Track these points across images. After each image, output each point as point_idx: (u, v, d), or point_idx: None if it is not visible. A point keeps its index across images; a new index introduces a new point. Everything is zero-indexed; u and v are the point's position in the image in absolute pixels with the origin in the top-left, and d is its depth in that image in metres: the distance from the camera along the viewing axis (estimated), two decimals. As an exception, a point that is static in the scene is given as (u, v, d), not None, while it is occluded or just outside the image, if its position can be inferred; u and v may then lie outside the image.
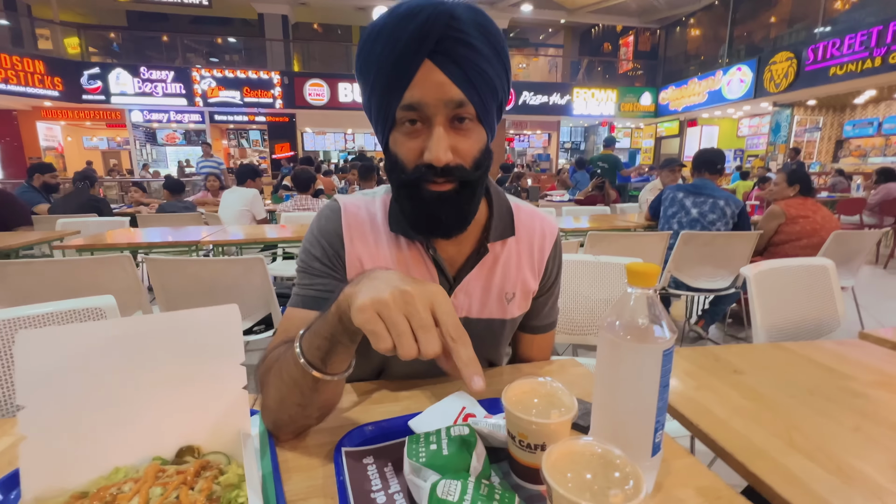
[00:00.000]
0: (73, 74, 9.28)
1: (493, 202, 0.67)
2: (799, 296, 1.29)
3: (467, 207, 0.58)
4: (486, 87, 0.53)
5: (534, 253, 0.71)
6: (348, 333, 0.45)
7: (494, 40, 0.53)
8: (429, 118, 0.52)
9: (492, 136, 0.58)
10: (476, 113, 0.53)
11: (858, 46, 7.22)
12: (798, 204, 2.38)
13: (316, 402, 0.51)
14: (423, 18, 0.48)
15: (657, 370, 0.40)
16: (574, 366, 0.76)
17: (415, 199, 0.56)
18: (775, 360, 0.79)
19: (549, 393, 0.47)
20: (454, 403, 0.60)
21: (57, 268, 1.49)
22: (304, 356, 0.48)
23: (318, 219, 0.66)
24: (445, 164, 0.52)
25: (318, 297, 0.62)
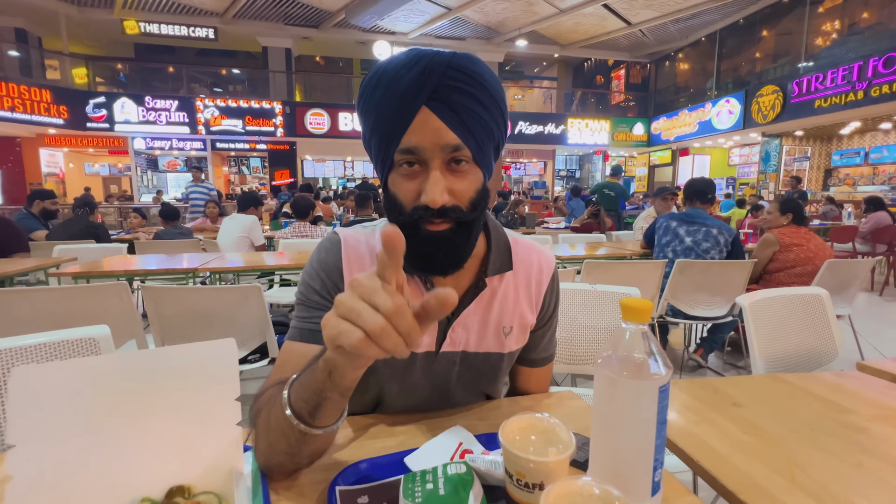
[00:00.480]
0: (78, 103, 9.48)
1: (491, 237, 0.68)
2: (795, 326, 1.29)
3: (463, 247, 0.58)
4: (482, 131, 0.55)
5: (531, 287, 0.71)
6: (339, 389, 0.43)
7: (490, 87, 0.55)
8: (426, 161, 0.53)
9: (489, 176, 0.60)
10: (472, 155, 0.55)
11: (841, 80, 7.52)
12: (791, 232, 2.42)
13: (304, 451, 0.50)
14: (421, 67, 0.51)
15: (654, 407, 0.40)
16: (572, 398, 0.75)
17: (412, 240, 0.56)
18: (774, 392, 0.78)
19: (546, 429, 0.46)
20: (451, 439, 0.59)
21: (51, 296, 1.48)
22: (292, 407, 0.46)
23: (319, 251, 0.67)
24: (442, 206, 0.53)
25: (316, 330, 0.61)
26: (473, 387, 0.72)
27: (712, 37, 11.02)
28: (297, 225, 3.34)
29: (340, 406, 0.46)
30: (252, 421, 0.54)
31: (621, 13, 10.16)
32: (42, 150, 10.44)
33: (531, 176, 14.52)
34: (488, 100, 0.54)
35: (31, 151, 10.29)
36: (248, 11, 10.21)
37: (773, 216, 2.52)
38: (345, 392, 0.44)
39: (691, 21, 10.49)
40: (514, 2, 9.64)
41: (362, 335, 0.35)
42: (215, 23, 10.53)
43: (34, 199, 3.78)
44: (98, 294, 1.53)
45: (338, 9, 10.01)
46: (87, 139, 10.41)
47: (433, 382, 0.69)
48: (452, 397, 0.71)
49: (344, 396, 0.44)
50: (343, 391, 0.43)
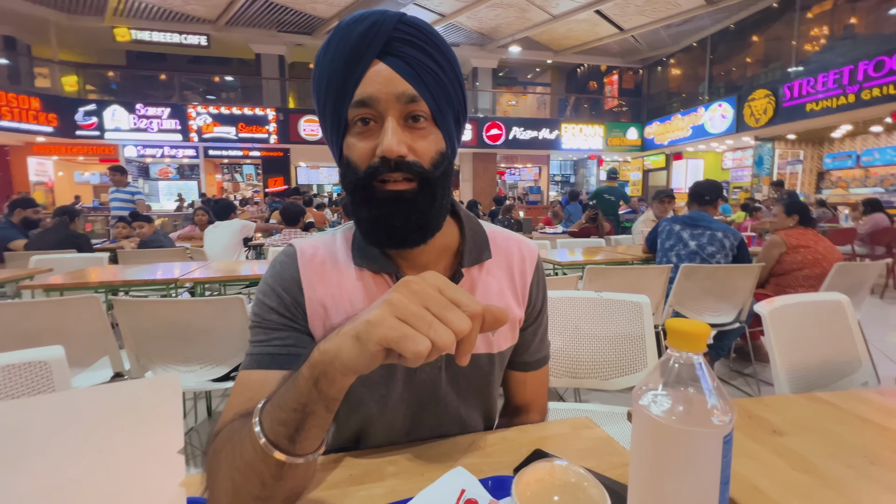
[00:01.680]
0: (68, 111, 9.35)
1: (463, 225, 0.61)
2: (817, 334, 1.21)
3: (427, 211, 0.52)
4: (439, 88, 0.51)
5: (515, 278, 0.64)
6: (325, 400, 0.37)
7: (444, 48, 0.52)
8: (381, 114, 0.49)
9: (452, 150, 0.55)
10: (431, 113, 0.51)
11: (832, 84, 7.56)
12: (798, 234, 2.36)
13: (279, 492, 0.40)
14: (371, 21, 0.49)
15: (717, 462, 0.31)
16: (588, 427, 0.66)
17: (370, 203, 0.51)
18: (817, 416, 0.69)
19: (572, 484, 0.36)
20: (452, 484, 0.49)
21: (13, 311, 1.37)
22: (266, 435, 0.38)
23: (272, 266, 0.59)
24: (400, 158, 0.49)
25: (276, 353, 0.53)
26: (465, 396, 0.63)
27: (703, 42, 11.10)
28: (287, 232, 3.24)
29: (325, 424, 0.40)
30: (207, 467, 0.44)
31: (613, 19, 10.22)
32: (30, 158, 10.27)
33: (526, 181, 14.52)
34: (443, 59, 0.52)
35: (20, 160, 10.12)
36: (241, 18, 10.16)
37: (780, 218, 2.46)
38: (330, 404, 0.38)
39: (682, 27, 10.57)
40: (508, 8, 9.66)
41: (430, 346, 0.33)
42: (208, 30, 10.47)
43: (15, 208, 3.66)
44: (67, 308, 1.42)
45: (331, 16, 9.99)
46: (77, 147, 10.26)
47: (419, 396, 0.60)
48: (444, 411, 0.62)
49: (329, 410, 0.39)
50: (329, 402, 0.38)
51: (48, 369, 0.80)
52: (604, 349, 1.31)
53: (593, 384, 1.31)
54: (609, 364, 1.30)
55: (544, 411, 0.72)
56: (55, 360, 0.81)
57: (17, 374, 0.77)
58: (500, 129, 11.38)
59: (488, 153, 11.78)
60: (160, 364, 1.48)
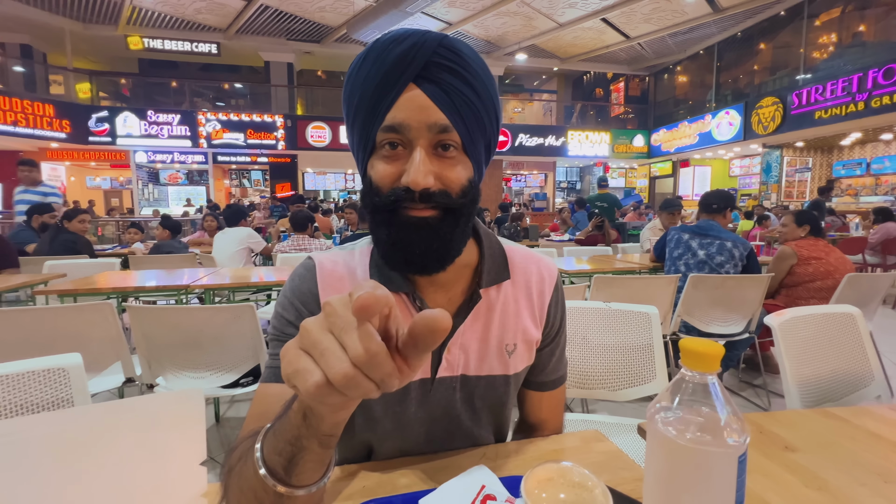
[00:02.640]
0: (81, 117, 9.52)
1: (483, 244, 0.61)
2: (828, 347, 1.20)
3: (449, 239, 0.51)
4: (473, 118, 0.50)
5: (533, 298, 0.63)
6: (317, 437, 0.34)
7: (484, 76, 0.51)
8: (410, 142, 0.48)
9: (479, 177, 0.54)
10: (462, 143, 0.50)
11: (841, 92, 7.52)
12: (809, 245, 2.33)
13: None
14: (410, 42, 0.47)
15: (731, 482, 0.32)
16: (598, 440, 0.66)
17: (390, 226, 0.50)
18: (828, 431, 0.69)
19: (578, 484, 0.39)
20: (473, 480, 0.51)
21: (29, 317, 1.39)
22: (265, 464, 0.37)
23: (292, 279, 0.60)
24: (426, 190, 0.47)
25: None
26: (479, 415, 0.63)
27: (710, 50, 11.10)
28: (295, 238, 3.26)
29: (323, 459, 0.37)
30: (223, 483, 0.45)
31: (620, 27, 10.26)
32: (44, 164, 10.45)
33: (532, 188, 14.52)
34: (481, 87, 0.50)
35: (33, 165, 10.30)
36: (251, 27, 10.33)
37: (790, 228, 2.43)
38: (325, 441, 0.35)
39: (689, 35, 10.58)
40: (514, 16, 9.73)
41: (321, 380, 0.27)
42: (218, 38, 10.64)
43: (32, 214, 3.71)
44: (82, 315, 1.44)
45: (339, 24, 10.12)
46: (90, 153, 10.43)
47: (432, 415, 0.60)
48: (457, 429, 0.62)
49: (325, 446, 0.35)
50: (322, 439, 0.35)
51: (66, 375, 0.82)
52: (612, 360, 1.30)
53: (602, 395, 1.31)
54: (617, 375, 1.29)
55: (559, 430, 0.72)
56: (73, 367, 0.82)
57: (37, 379, 0.79)
58: (507, 136, 11.43)
59: (494, 160, 11.82)
60: (171, 370, 1.50)
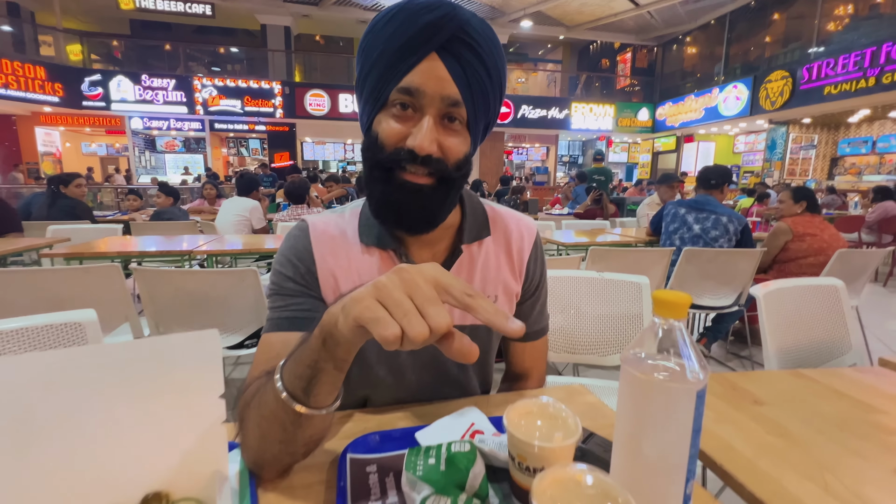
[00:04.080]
0: (73, 81, 9.28)
1: (465, 204, 0.66)
2: (809, 317, 1.25)
3: (439, 206, 0.56)
4: (482, 98, 0.54)
5: (513, 254, 0.68)
6: (333, 360, 0.40)
7: (499, 60, 0.54)
8: (422, 107, 0.51)
9: (473, 150, 0.58)
10: (467, 118, 0.53)
11: (852, 66, 7.34)
12: (805, 221, 2.36)
13: (300, 438, 0.46)
14: (441, 13, 0.50)
15: (690, 414, 0.36)
16: (583, 394, 0.71)
17: (387, 184, 0.54)
18: (797, 389, 0.74)
19: (552, 415, 0.45)
20: (464, 418, 0.57)
21: (42, 277, 1.43)
22: (286, 388, 0.43)
23: (287, 239, 0.64)
24: (428, 156, 0.51)
25: (294, 317, 0.59)
26: (465, 365, 0.68)
27: (722, 20, 10.73)
28: (293, 208, 3.28)
29: (336, 381, 0.43)
30: (238, 417, 0.50)
31: (630, -6, 9.88)
32: (38, 128, 10.28)
33: (533, 161, 14.36)
34: (494, 71, 0.54)
35: (27, 130, 10.14)
36: (246, -13, 9.92)
37: (787, 204, 2.45)
38: (339, 364, 0.41)
39: (701, 3, 10.21)
40: (520, -20, 9.36)
41: (399, 333, 0.33)
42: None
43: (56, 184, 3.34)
44: (90, 276, 1.48)
45: (338, -15, 9.73)
46: (84, 118, 10.24)
47: (422, 362, 0.66)
48: (445, 377, 0.68)
49: (339, 369, 0.41)
50: (338, 362, 0.41)
51: (83, 330, 0.86)
52: (603, 327, 1.36)
53: (591, 360, 1.37)
54: (607, 342, 1.35)
55: (542, 379, 0.78)
56: (89, 322, 0.87)
57: (55, 333, 0.84)
58: (509, 107, 11.20)
59: (496, 132, 11.63)
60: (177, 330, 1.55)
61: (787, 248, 2.35)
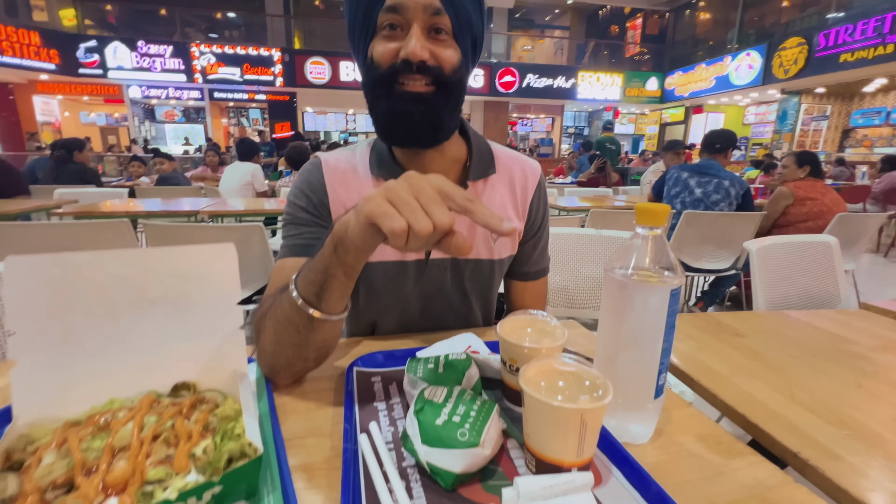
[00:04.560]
0: (69, 47, 9.07)
1: (472, 142, 0.69)
2: (801, 271, 1.28)
3: (441, 112, 0.58)
4: (462, 8, 0.57)
5: (517, 193, 0.72)
6: (343, 266, 0.44)
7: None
8: (408, 22, 0.55)
9: (467, 66, 0.60)
10: (452, 29, 0.57)
11: (871, 32, 7.06)
12: (808, 186, 2.37)
13: (313, 342, 0.50)
14: None
15: (664, 310, 0.40)
16: (574, 327, 0.75)
17: (389, 98, 0.58)
18: (777, 325, 0.78)
19: (542, 326, 0.50)
20: (462, 341, 0.62)
21: (56, 231, 1.48)
22: (301, 295, 0.47)
23: (301, 173, 0.69)
24: (422, 62, 0.55)
25: (307, 244, 0.63)
26: (468, 296, 0.73)
27: (738, -18, 10.27)
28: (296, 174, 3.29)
29: (346, 289, 0.47)
30: (255, 327, 0.54)
31: (642, -47, 9.42)
32: (35, 97, 10.14)
33: (538, 132, 14.11)
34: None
35: (25, 99, 10.01)
36: (242, -54, 9.52)
37: (790, 169, 2.45)
38: (349, 271, 0.45)
39: (717, -36, 9.73)
40: (528, -61, 8.91)
41: (405, 227, 0.36)
42: (207, -41, 9.85)
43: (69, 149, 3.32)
44: (101, 231, 1.53)
45: (337, -56, 9.32)
46: (82, 86, 10.06)
47: (426, 291, 0.70)
48: (448, 307, 0.72)
49: (348, 276, 0.45)
50: (347, 269, 0.44)
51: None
52: (601, 283, 1.40)
53: (589, 314, 1.42)
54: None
55: None
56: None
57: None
58: (514, 75, 10.91)
59: (500, 102, 11.38)
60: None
61: (787, 212, 2.36)
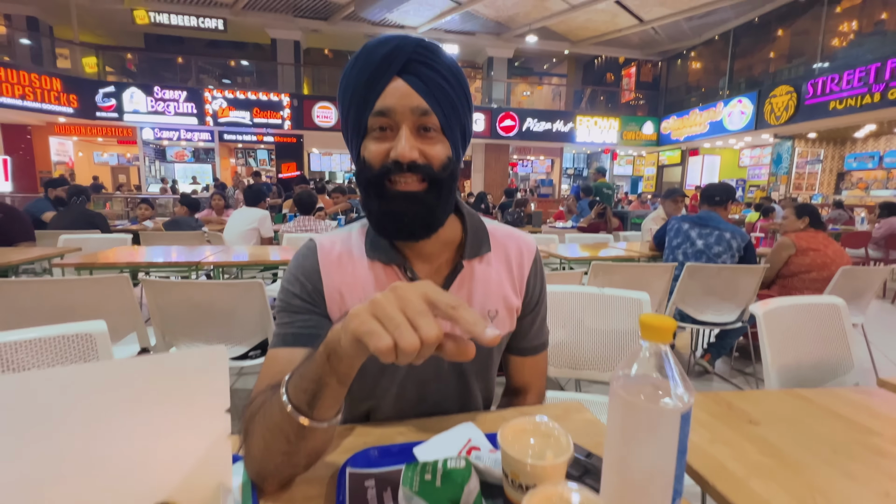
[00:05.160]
0: (88, 92, 9.50)
1: (466, 221, 0.69)
2: (810, 336, 1.25)
3: (434, 208, 0.59)
4: (449, 105, 0.58)
5: (513, 270, 0.71)
6: (337, 374, 0.43)
7: (455, 70, 0.60)
8: (397, 124, 0.57)
9: (458, 157, 0.62)
10: (440, 125, 0.58)
11: (857, 82, 7.36)
12: (809, 237, 2.38)
13: (303, 450, 0.48)
14: (394, 44, 0.57)
15: (674, 435, 0.37)
16: (579, 411, 0.72)
17: (381, 198, 0.58)
18: (793, 409, 0.75)
19: (545, 433, 0.47)
20: (461, 434, 0.58)
21: (53, 287, 1.47)
22: (291, 401, 0.45)
23: (295, 258, 0.68)
24: (412, 162, 0.56)
25: (300, 333, 0.62)
26: (466, 376, 0.70)
27: (726, 35, 10.83)
28: (301, 219, 3.32)
29: (339, 395, 0.45)
30: (243, 429, 0.52)
31: (634, 10, 10.01)
32: (52, 138, 10.51)
33: (538, 174, 14.43)
34: (453, 80, 0.59)
35: (42, 140, 10.36)
36: (258, 2, 10.17)
37: (790, 220, 2.47)
38: (342, 379, 0.44)
39: (705, 19, 10.32)
40: (526, -3, 9.52)
41: (391, 345, 0.36)
42: (225, 14, 10.51)
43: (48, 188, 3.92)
44: (100, 286, 1.52)
45: (347, 1, 9.95)
46: (97, 128, 10.45)
47: (423, 376, 0.67)
48: (446, 389, 0.69)
49: (342, 384, 0.44)
50: (341, 377, 0.43)
51: (93, 341, 0.89)
52: (604, 343, 1.36)
53: (592, 375, 1.37)
54: (608, 357, 1.35)
55: (542, 394, 0.79)
56: (99, 333, 0.90)
57: (66, 343, 0.86)
58: (514, 119, 11.30)
59: (501, 144, 11.73)
60: (184, 341, 1.58)
61: (791, 263, 2.35)
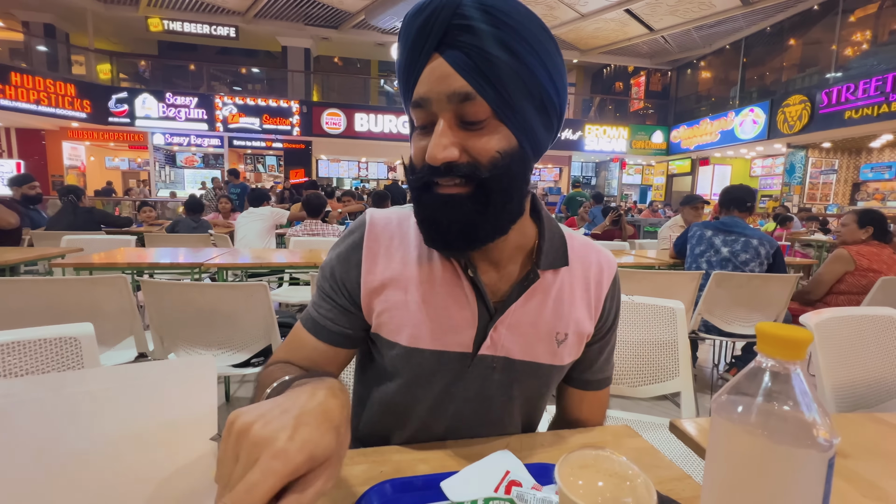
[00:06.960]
0: (101, 98, 9.63)
1: (544, 227, 0.57)
2: (866, 351, 1.13)
3: (478, 216, 0.47)
4: (509, 78, 0.44)
5: (590, 288, 0.60)
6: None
7: (520, 27, 0.44)
8: (435, 115, 0.46)
9: (527, 144, 0.48)
10: (492, 109, 0.45)
11: (873, 91, 7.22)
12: (872, 254, 2.07)
13: None
14: (428, 12, 0.44)
15: (819, 489, 0.27)
16: (630, 436, 0.62)
17: (420, 204, 0.50)
18: (879, 438, 0.64)
19: (618, 474, 0.36)
20: (497, 465, 0.48)
21: (44, 287, 1.39)
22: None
23: (345, 236, 0.60)
24: (448, 163, 0.45)
25: (317, 320, 0.57)
26: (512, 401, 0.60)
27: (737, 45, 10.75)
28: (308, 223, 3.25)
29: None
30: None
31: (644, 19, 9.98)
32: (65, 143, 10.63)
33: (546, 182, 14.35)
34: (517, 43, 0.44)
35: (55, 144, 10.49)
36: (270, 11, 10.29)
37: (849, 228, 2.17)
38: None
39: (716, 28, 10.25)
40: (535, 5, 9.52)
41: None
42: (237, 22, 10.63)
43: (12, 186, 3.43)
44: (96, 287, 1.44)
45: (358, 10, 10.02)
46: (109, 133, 10.57)
47: (464, 394, 0.57)
48: (487, 412, 0.59)
49: None
50: None
51: (78, 345, 0.80)
52: (633, 355, 1.26)
53: (620, 391, 1.26)
54: (638, 371, 1.25)
55: None
56: (85, 337, 0.81)
57: (49, 348, 0.78)
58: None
59: (509, 152, 11.67)
60: (183, 347, 1.49)
61: (844, 279, 2.08)
